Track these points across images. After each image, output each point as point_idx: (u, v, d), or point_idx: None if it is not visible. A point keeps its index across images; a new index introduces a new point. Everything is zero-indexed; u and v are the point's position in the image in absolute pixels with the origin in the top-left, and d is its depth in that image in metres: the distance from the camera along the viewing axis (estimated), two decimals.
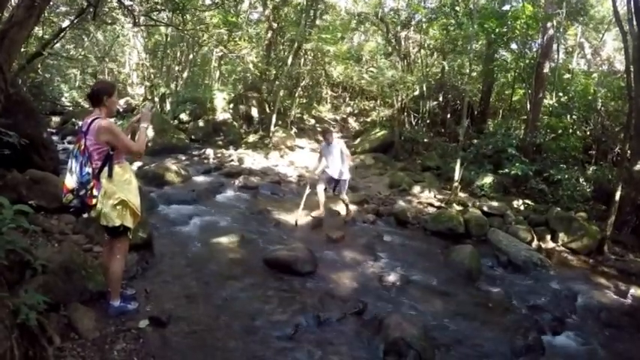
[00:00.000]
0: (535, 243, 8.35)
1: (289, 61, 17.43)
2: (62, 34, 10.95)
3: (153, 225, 6.18)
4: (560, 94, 13.93)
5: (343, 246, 6.77)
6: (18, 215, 3.30)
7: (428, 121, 17.04)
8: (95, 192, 3.47)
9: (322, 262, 5.79)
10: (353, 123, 21.92)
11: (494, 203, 9.96)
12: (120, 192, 3.57)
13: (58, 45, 15.87)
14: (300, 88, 19.66)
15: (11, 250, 3.33)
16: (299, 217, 7.80)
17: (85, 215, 3.66)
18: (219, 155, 14.28)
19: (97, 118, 3.49)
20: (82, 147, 3.44)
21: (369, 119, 21.78)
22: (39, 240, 4.60)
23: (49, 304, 3.19)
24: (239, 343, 3.74)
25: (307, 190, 8.05)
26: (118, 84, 23.51)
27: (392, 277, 5.57)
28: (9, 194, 4.75)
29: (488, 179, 11.41)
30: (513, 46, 15.05)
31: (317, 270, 5.49)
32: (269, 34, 19.09)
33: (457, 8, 14.47)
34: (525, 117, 14.53)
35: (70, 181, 3.49)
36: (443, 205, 10.08)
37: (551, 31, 12.70)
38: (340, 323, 4.25)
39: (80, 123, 3.98)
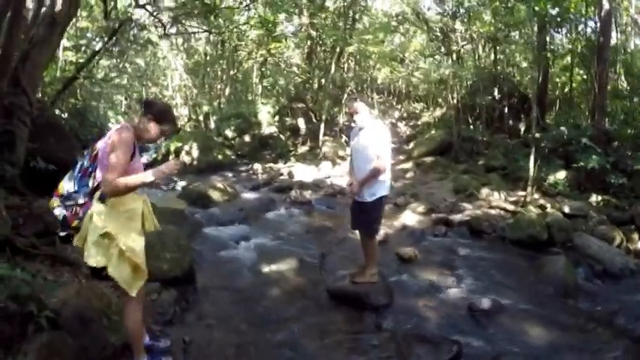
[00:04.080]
0: (623, 245, 7.32)
1: (332, 67, 16.91)
2: (96, 56, 10.80)
3: (196, 252, 5.45)
4: (622, 76, 12.68)
5: (417, 266, 5.84)
6: None
7: (484, 118, 15.89)
8: (80, 212, 2.76)
9: (397, 290, 4.85)
10: (403, 127, 20.97)
11: (575, 203, 8.88)
12: (110, 223, 2.74)
13: (101, 73, 16.07)
14: (346, 95, 18.99)
15: (14, 295, 2.76)
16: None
17: (63, 233, 2.88)
18: (267, 170, 13.90)
19: (123, 126, 2.87)
20: (95, 153, 2.83)
21: (419, 122, 20.84)
22: (64, 276, 4.00)
23: None
24: None
25: None
26: None
27: (481, 304, 4.63)
28: (35, 224, 4.55)
29: (561, 175, 10.26)
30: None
31: (393, 301, 4.57)
32: (308, 43, 18.57)
33: None
34: (588, 104, 13.27)
35: (66, 184, 2.83)
36: (518, 208, 9.01)
37: (607, 6, 11.37)
38: None
39: None
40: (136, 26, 11.53)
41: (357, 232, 4.94)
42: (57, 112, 9.57)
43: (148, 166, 3.10)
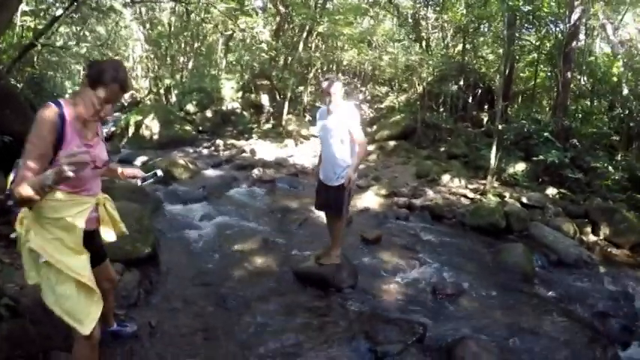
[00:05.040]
0: (577, 237, 7.56)
1: (300, 46, 16.61)
2: (56, 23, 10.12)
3: (158, 231, 5.29)
4: (585, 77, 13.16)
5: (381, 249, 5.85)
6: None
7: (449, 106, 16.09)
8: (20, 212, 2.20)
9: (362, 272, 4.87)
10: (366, 109, 20.94)
11: (534, 194, 9.11)
12: (35, 234, 2.11)
13: (60, 41, 15.28)
14: (312, 75, 18.77)
15: None
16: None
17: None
18: (229, 146, 13.56)
19: (45, 105, 2.11)
20: None
21: (382, 105, 20.84)
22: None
23: (19, 359, 2.33)
24: None
25: None
26: None
27: (444, 287, 4.76)
28: None
29: (520, 167, 10.56)
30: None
31: (358, 282, 4.58)
32: (277, 19, 18.15)
33: None
34: (550, 100, 13.70)
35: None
36: (478, 196, 9.21)
37: (578, 10, 11.66)
38: (401, 357, 3.33)
39: None
40: None
41: (322, 212, 4.90)
42: (12, 81, 9.01)
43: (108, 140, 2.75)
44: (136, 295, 3.72)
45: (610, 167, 9.82)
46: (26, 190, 1.84)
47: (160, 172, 2.77)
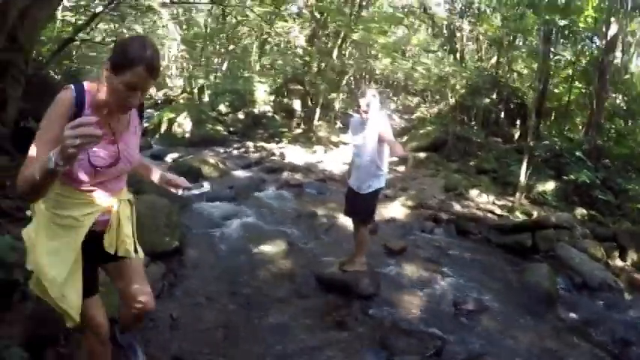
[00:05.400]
0: (603, 260, 7.30)
1: (334, 52, 16.65)
2: (95, 19, 10.40)
3: (185, 227, 5.38)
4: (620, 95, 12.89)
5: (405, 259, 5.82)
6: None
7: (480, 120, 15.91)
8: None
9: (384, 281, 4.86)
10: (397, 119, 20.91)
11: (562, 214, 8.83)
12: (36, 225, 1.93)
13: (98, 38, 15.67)
14: (344, 82, 18.81)
15: (1, 263, 2.57)
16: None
17: None
18: (259, 149, 13.66)
19: (64, 89, 1.84)
20: None
21: (414, 116, 20.77)
22: None
23: (42, 338, 2.38)
24: None
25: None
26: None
27: (465, 302, 4.70)
28: None
29: (550, 186, 10.31)
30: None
31: (380, 291, 4.58)
32: (312, 25, 18.31)
33: None
34: (583, 118, 13.41)
35: None
36: (505, 213, 9.06)
37: (615, 26, 11.38)
38: None
39: None
40: None
41: (349, 219, 4.94)
42: (51, 73, 9.29)
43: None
44: (159, 287, 3.79)
45: None
46: (27, 177, 1.57)
47: (207, 186, 2.62)
